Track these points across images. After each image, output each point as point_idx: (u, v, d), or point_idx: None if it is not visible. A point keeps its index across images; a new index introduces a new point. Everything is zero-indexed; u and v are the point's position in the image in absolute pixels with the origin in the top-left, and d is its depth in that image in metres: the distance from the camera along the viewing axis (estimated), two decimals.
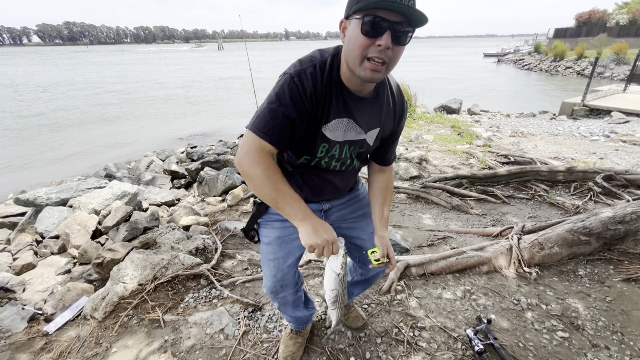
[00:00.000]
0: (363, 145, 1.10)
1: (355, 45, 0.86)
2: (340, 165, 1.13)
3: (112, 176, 4.90)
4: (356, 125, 1.04)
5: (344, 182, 1.24)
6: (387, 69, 0.89)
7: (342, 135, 1.04)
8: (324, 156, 1.07)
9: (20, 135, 9.66)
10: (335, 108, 0.99)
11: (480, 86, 17.47)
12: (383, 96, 1.08)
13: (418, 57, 44.93)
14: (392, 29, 0.83)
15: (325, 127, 1.01)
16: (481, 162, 4.24)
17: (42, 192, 3.08)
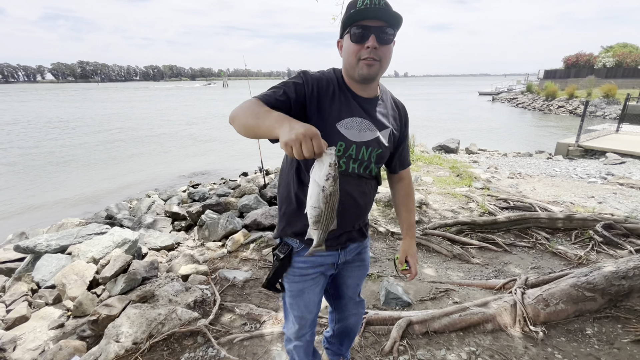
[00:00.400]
0: (379, 145, 1.18)
1: (349, 52, 1.07)
2: (358, 167, 1.18)
3: (114, 217, 4.92)
4: (370, 123, 1.16)
5: (363, 199, 1.25)
6: (380, 65, 1.07)
7: (358, 135, 1.13)
8: (341, 155, 1.13)
9: (25, 172, 9.81)
10: (346, 107, 1.12)
11: (477, 124, 17.99)
12: (387, 100, 1.25)
13: (415, 95, 46.71)
14: (376, 33, 1.03)
15: (339, 124, 1.11)
16: (481, 206, 4.26)
17: (43, 238, 3.08)
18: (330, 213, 1.00)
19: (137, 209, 5.42)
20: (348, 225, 1.27)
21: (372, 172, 1.24)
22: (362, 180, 1.22)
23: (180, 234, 4.40)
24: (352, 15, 1.04)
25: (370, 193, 1.31)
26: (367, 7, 1.01)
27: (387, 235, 3.67)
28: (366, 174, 1.22)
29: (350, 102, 1.14)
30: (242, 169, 9.46)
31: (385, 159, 1.28)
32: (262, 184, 5.98)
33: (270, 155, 8.52)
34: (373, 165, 1.22)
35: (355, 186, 1.21)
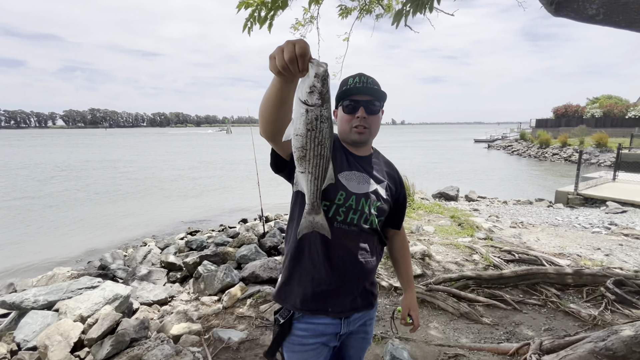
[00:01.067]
0: (378, 197, 1.25)
1: (343, 121, 1.25)
2: (358, 218, 1.20)
3: (107, 268, 4.76)
4: (367, 177, 1.26)
5: (364, 256, 1.22)
6: (370, 132, 1.24)
7: (357, 187, 1.22)
8: (342, 204, 1.19)
9: (22, 216, 9.73)
10: (345, 162, 1.25)
11: (475, 171, 18.27)
12: (380, 159, 1.38)
13: (413, 142, 48.12)
14: (365, 105, 1.21)
15: (340, 175, 1.21)
16: (485, 259, 4.15)
17: (31, 293, 2.95)
18: (319, 149, 0.82)
19: (133, 258, 5.27)
20: (350, 288, 1.22)
21: (373, 224, 1.24)
22: (363, 234, 1.22)
23: (175, 286, 4.23)
24: (344, 91, 1.23)
25: (373, 251, 1.29)
26: (357, 85, 1.21)
27: (391, 290, 3.53)
28: (367, 227, 1.22)
29: (348, 158, 1.27)
30: (242, 214, 9.39)
31: (385, 212, 1.30)
32: (262, 232, 5.89)
33: (271, 202, 8.52)
34: (374, 217, 1.24)
35: (356, 240, 1.21)
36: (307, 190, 0.91)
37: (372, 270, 1.29)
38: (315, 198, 0.92)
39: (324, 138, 0.83)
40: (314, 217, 0.98)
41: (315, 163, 0.85)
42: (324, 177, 0.89)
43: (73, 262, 6.62)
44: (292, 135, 0.84)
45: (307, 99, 0.78)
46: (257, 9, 3.90)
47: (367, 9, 6.37)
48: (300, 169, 0.88)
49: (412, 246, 4.59)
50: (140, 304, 3.55)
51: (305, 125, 0.80)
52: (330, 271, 1.20)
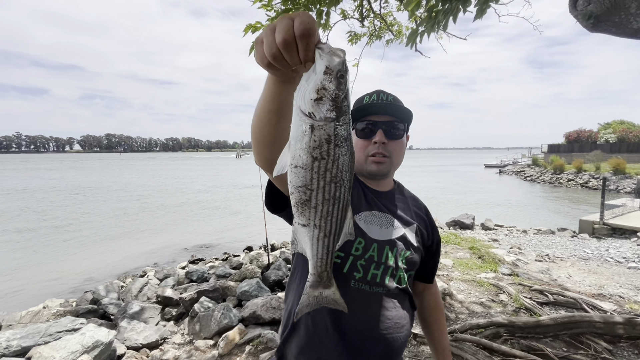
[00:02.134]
0: (407, 244, 0.96)
1: (358, 149, 0.98)
2: (382, 274, 0.91)
3: (99, 302, 4.42)
4: (392, 218, 0.98)
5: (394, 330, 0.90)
6: (391, 161, 0.98)
7: (379, 232, 0.94)
8: (360, 255, 0.90)
9: (26, 241, 9.56)
10: (364, 200, 0.98)
11: (489, 197, 17.70)
12: (406, 194, 1.10)
13: (422, 167, 47.76)
14: (384, 128, 0.95)
15: (358, 217, 0.94)
16: (514, 300, 3.69)
17: (4, 338, 2.62)
18: (331, 190, 0.52)
19: (128, 290, 4.93)
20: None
21: (402, 283, 0.94)
22: (390, 297, 0.92)
23: (169, 325, 3.84)
24: (359, 110, 0.97)
25: (403, 320, 0.95)
26: (374, 103, 0.97)
27: (409, 338, 3.08)
28: (394, 286, 0.93)
29: (366, 194, 1.00)
30: (247, 241, 9.05)
31: (416, 264, 1.00)
32: (266, 263, 5.53)
33: (277, 226, 8.18)
34: (402, 273, 0.94)
35: (379, 306, 0.90)
36: (313, 254, 0.59)
37: (400, 348, 0.96)
38: (325, 266, 0.60)
39: (341, 172, 0.52)
40: (321, 292, 0.65)
41: (327, 212, 0.54)
42: (339, 234, 0.57)
43: (68, 292, 6.32)
44: (289, 166, 0.53)
45: (312, 110, 0.49)
46: None
47: (377, 35, 6.31)
48: (301, 220, 0.56)
49: None
50: (127, 348, 3.17)
51: (309, 152, 0.50)
52: (343, 351, 0.87)
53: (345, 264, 0.90)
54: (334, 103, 0.49)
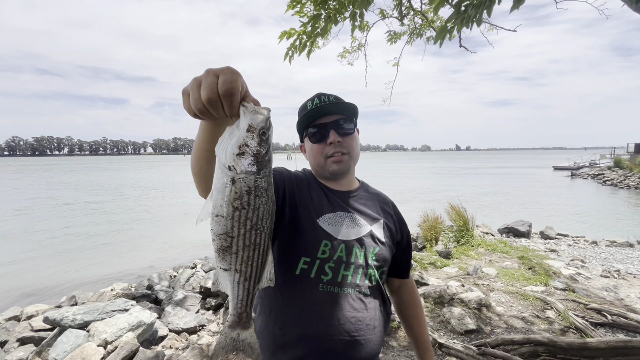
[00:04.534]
0: (375, 240, 0.98)
1: (315, 153, 1.02)
2: (353, 274, 0.92)
3: (152, 288, 4.96)
4: (357, 217, 1.00)
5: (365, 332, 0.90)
6: (350, 157, 1.01)
7: (345, 232, 0.95)
8: (327, 258, 0.91)
9: (107, 230, 11.03)
10: (327, 202, 1.00)
11: (554, 204, 15.87)
12: (370, 192, 1.12)
13: (478, 169, 44.49)
14: (334, 127, 0.98)
15: (321, 220, 0.96)
16: (563, 317, 3.31)
17: (70, 312, 3.12)
18: (251, 236, 0.55)
19: (177, 280, 5.44)
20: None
21: (373, 281, 0.96)
22: (362, 297, 0.92)
23: (207, 314, 4.17)
24: (305, 117, 1.00)
25: (376, 320, 0.95)
26: (318, 107, 0.98)
27: (434, 346, 2.95)
28: (365, 286, 0.94)
29: (329, 197, 1.02)
30: None
31: (387, 261, 1.02)
32: None
33: None
34: (373, 270, 0.95)
35: (351, 309, 0.90)
36: (233, 296, 0.62)
37: (374, 350, 0.94)
38: (245, 307, 0.63)
39: (261, 219, 0.56)
40: (238, 334, 0.66)
41: (247, 257, 0.58)
42: (260, 277, 0.61)
43: (134, 277, 7.17)
44: (211, 214, 0.56)
45: (234, 164, 0.53)
46: (298, 38, 3.94)
47: (417, 33, 6.11)
48: (222, 265, 0.59)
49: (467, 292, 3.91)
50: (169, 331, 3.53)
51: (230, 202, 0.54)
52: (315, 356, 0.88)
53: (312, 269, 0.91)
54: (255, 158, 0.53)
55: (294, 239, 0.92)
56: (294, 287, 0.91)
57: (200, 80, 0.53)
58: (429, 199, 16.65)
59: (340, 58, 6.55)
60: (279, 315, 0.92)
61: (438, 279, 4.62)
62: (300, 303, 0.90)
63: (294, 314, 0.90)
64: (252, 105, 0.53)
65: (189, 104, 0.55)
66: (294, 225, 0.93)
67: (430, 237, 6.67)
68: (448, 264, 5.26)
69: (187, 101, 0.56)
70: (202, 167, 0.68)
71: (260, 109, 0.53)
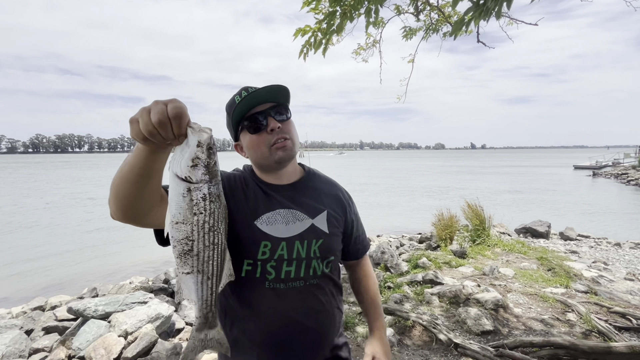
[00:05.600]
0: (318, 234, 0.98)
1: (257, 144, 0.96)
2: (296, 269, 0.94)
3: (169, 282, 5.08)
4: (297, 212, 0.99)
5: (315, 318, 0.95)
6: (292, 141, 0.98)
7: (285, 230, 0.95)
8: (268, 258, 0.92)
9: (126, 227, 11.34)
10: (264, 201, 0.98)
11: (574, 203, 15.36)
12: (316, 181, 1.09)
13: (495, 168, 43.51)
14: (272, 114, 0.95)
15: (258, 221, 0.95)
16: (585, 320, 3.21)
17: (93, 303, 3.22)
18: (210, 237, 0.63)
19: None
20: (313, 350, 0.96)
21: (318, 272, 0.97)
22: (308, 289, 0.95)
23: None
24: (237, 110, 0.95)
25: (326, 304, 0.99)
26: (247, 98, 0.93)
27: (450, 346, 2.92)
28: (310, 278, 0.96)
29: (267, 195, 1.00)
30: None
31: (333, 249, 1.02)
32: None
33: None
34: (317, 262, 0.97)
35: (299, 301, 0.94)
36: (198, 298, 0.67)
37: (329, 333, 1.00)
38: (210, 307, 0.68)
39: (217, 221, 0.64)
40: (206, 334, 0.71)
41: (208, 256, 0.64)
42: (220, 275, 0.67)
43: (151, 272, 7.35)
44: (169, 224, 0.63)
45: (188, 175, 0.61)
46: (313, 35, 3.94)
47: (433, 28, 6.00)
48: (185, 269, 0.65)
49: (483, 292, 3.84)
50: (186, 324, 3.60)
51: (189, 209, 0.62)
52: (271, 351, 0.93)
53: (256, 270, 0.93)
54: (206, 169, 0.62)
55: (234, 243, 0.92)
56: (242, 288, 0.94)
57: (150, 108, 0.60)
58: (443, 198, 16.41)
59: (355, 55, 6.50)
60: (233, 317, 0.95)
61: (453, 278, 4.56)
62: (249, 303, 0.93)
63: (245, 315, 0.93)
64: (198, 125, 0.61)
65: (138, 129, 0.60)
66: (232, 230, 0.91)
67: (445, 237, 6.57)
68: (463, 263, 5.17)
69: (135, 127, 0.61)
70: (128, 191, 0.71)
71: (205, 128, 0.62)
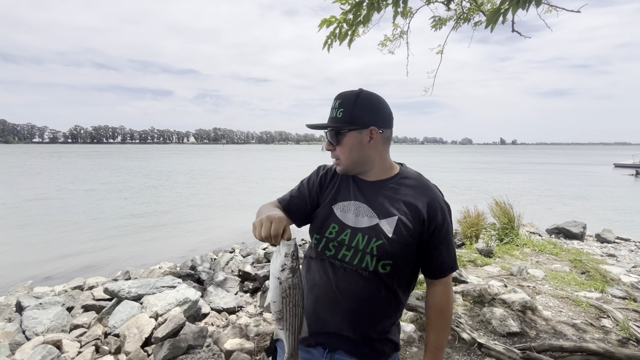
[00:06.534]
0: (379, 234, 1.03)
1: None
2: (352, 256, 1.04)
3: (195, 269, 5.29)
4: (368, 209, 1.06)
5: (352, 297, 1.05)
6: (342, 162, 1.10)
7: (354, 220, 1.07)
8: (333, 238, 1.07)
9: (155, 215, 11.91)
10: (345, 190, 1.12)
11: (613, 204, 14.40)
12: (403, 185, 1.10)
13: (526, 165, 41.53)
14: (328, 138, 1.11)
15: (335, 206, 1.11)
16: (622, 328, 3.03)
17: (126, 285, 3.42)
18: (293, 309, 0.93)
19: (218, 263, 5.75)
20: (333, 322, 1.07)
21: (370, 267, 1.03)
22: (357, 275, 1.04)
23: (245, 296, 4.38)
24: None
25: (369, 295, 1.05)
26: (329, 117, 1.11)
27: (473, 346, 2.86)
28: (362, 268, 1.04)
29: (351, 186, 1.13)
30: None
31: (392, 255, 1.04)
32: None
33: None
34: (370, 258, 1.03)
35: (344, 279, 1.06)
36: (286, 343, 0.99)
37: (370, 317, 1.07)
38: (294, 348, 0.99)
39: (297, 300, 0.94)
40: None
41: (291, 322, 0.95)
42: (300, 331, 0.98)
43: (177, 257, 7.70)
44: (270, 301, 0.94)
45: (279, 276, 0.90)
46: (338, 26, 3.89)
47: (465, 18, 5.76)
48: (279, 326, 0.97)
49: (510, 293, 3.71)
50: (211, 309, 3.75)
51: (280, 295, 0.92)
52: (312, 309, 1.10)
53: (320, 243, 1.11)
54: (290, 270, 0.90)
55: (314, 218, 1.15)
56: (309, 256, 1.18)
57: (262, 223, 0.90)
58: (468, 195, 15.91)
59: (381, 47, 6.36)
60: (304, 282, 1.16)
61: (478, 277, 4.43)
62: (309, 267, 1.16)
63: (307, 279, 1.14)
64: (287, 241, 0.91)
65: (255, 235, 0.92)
66: (316, 207, 1.17)
67: (471, 234, 6.38)
68: (489, 262, 5.02)
69: (254, 232, 0.92)
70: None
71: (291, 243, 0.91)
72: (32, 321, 3.23)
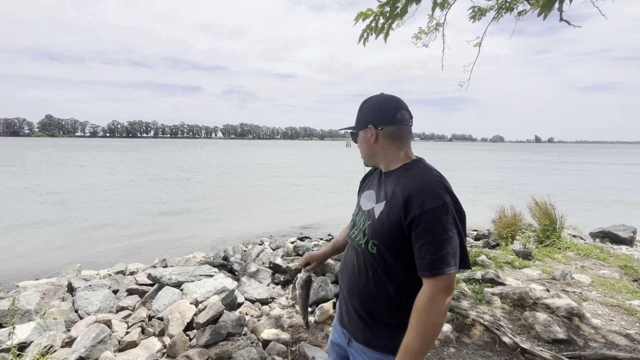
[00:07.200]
0: (371, 216, 1.17)
1: None
2: (357, 234, 1.23)
3: (228, 260, 5.44)
4: (373, 194, 1.23)
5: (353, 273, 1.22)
6: (363, 157, 1.30)
7: (366, 204, 1.24)
8: (353, 219, 1.30)
9: (190, 207, 12.41)
10: (370, 181, 1.32)
11: None
12: (402, 176, 1.15)
13: (564, 165, 39.05)
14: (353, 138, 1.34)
15: (361, 194, 1.34)
16: None
17: (167, 272, 3.59)
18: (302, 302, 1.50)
19: (249, 254, 5.88)
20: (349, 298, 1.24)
21: (362, 244, 1.18)
22: (355, 250, 1.23)
23: (277, 288, 4.45)
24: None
25: (364, 272, 1.17)
26: None
27: (515, 351, 2.74)
28: (358, 245, 1.21)
29: (375, 177, 1.30)
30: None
31: (377, 235, 1.12)
32: None
33: None
34: (362, 235, 1.19)
35: (351, 256, 1.26)
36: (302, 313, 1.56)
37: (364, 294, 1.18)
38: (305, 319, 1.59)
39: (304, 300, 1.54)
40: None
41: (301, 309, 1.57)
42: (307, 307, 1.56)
43: (209, 248, 7.98)
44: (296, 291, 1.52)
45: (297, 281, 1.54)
46: (374, 19, 3.81)
47: (507, 7, 5.46)
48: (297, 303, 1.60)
49: (554, 298, 3.52)
50: (245, 299, 3.85)
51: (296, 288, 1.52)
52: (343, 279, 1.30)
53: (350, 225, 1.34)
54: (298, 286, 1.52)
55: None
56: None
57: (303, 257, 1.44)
58: (499, 194, 15.23)
59: (415, 40, 6.17)
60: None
61: (517, 280, 4.24)
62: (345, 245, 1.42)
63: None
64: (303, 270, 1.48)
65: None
66: None
67: (506, 235, 6.11)
68: (528, 265, 4.78)
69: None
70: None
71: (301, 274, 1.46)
72: (84, 301, 3.47)
